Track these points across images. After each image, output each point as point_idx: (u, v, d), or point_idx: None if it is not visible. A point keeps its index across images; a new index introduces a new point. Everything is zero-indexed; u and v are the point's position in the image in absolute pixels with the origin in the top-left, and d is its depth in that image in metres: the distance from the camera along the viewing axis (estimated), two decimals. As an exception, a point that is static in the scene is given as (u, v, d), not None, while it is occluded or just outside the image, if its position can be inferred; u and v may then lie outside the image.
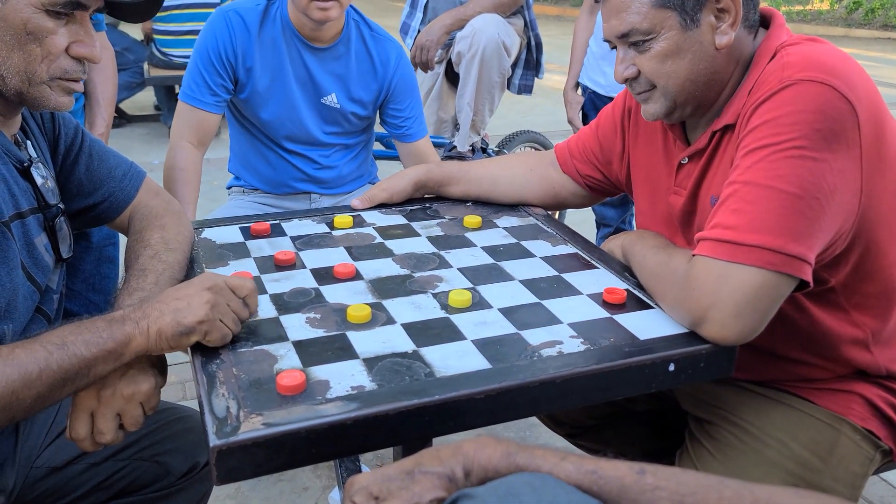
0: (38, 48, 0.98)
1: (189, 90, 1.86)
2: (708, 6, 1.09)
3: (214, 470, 0.82)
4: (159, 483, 1.25)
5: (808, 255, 1.00)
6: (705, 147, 1.18)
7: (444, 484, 0.65)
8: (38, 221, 1.08)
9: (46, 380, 0.86)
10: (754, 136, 1.05)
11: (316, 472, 1.97)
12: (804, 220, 1.00)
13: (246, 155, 2.05)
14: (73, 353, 0.88)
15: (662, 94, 1.16)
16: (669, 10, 1.09)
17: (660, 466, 0.65)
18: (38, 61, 0.99)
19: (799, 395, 1.20)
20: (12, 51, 0.97)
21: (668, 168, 1.27)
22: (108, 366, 0.92)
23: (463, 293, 1.13)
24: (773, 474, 1.13)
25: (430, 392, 0.90)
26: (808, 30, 12.15)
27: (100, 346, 0.90)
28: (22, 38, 0.97)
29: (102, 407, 0.95)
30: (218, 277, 1.00)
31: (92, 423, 0.96)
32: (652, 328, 1.07)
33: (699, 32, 1.11)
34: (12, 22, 0.96)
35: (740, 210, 1.02)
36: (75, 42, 1.01)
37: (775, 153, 1.01)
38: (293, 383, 0.90)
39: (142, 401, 0.97)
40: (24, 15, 0.96)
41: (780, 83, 1.04)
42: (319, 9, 1.73)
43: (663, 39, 1.11)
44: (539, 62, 3.02)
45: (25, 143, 1.10)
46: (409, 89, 1.99)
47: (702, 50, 1.11)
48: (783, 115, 1.02)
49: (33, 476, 1.14)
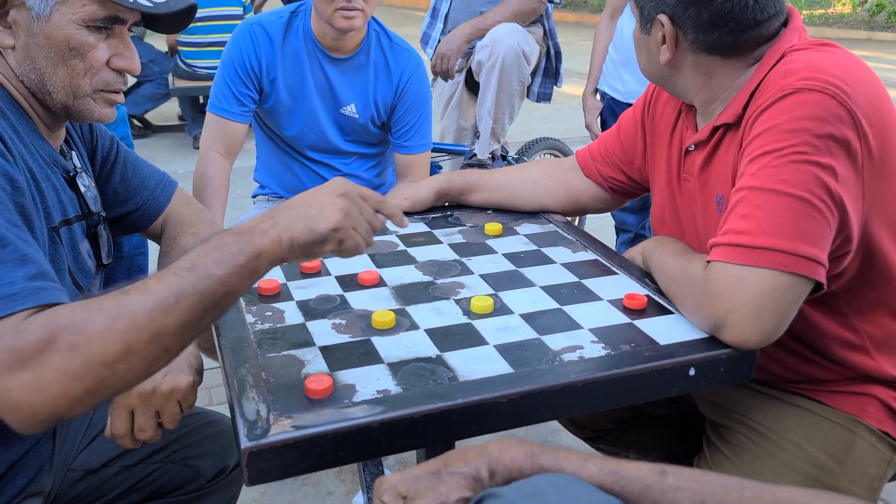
0: (81, 63, 1.02)
1: (216, 101, 1.90)
2: (656, 24, 1.17)
3: (246, 471, 0.84)
4: (190, 486, 1.28)
5: (820, 256, 1.01)
6: (707, 140, 1.20)
7: (470, 484, 0.67)
8: (81, 228, 1.13)
9: (184, 304, 0.82)
10: (758, 143, 1.06)
11: (340, 477, 1.99)
12: (812, 221, 1.01)
13: (271, 164, 2.09)
14: (204, 274, 0.83)
15: None
16: (636, 8, 1.20)
17: (681, 467, 0.66)
18: (81, 75, 1.03)
19: (814, 399, 1.21)
20: (57, 66, 1.01)
21: (678, 155, 1.30)
22: (245, 282, 0.86)
23: (485, 299, 1.15)
24: (789, 477, 1.14)
25: (454, 396, 0.92)
26: (830, 33, 12.03)
27: (230, 262, 0.84)
28: (65, 53, 1.01)
29: (142, 405, 0.99)
30: (349, 184, 0.94)
31: (132, 421, 0.99)
32: (672, 333, 1.08)
33: (648, 40, 1.20)
34: (56, 39, 1.00)
35: (749, 215, 1.03)
36: (115, 55, 1.05)
37: (778, 158, 1.03)
38: (321, 387, 0.92)
39: (180, 399, 1.00)
40: (66, 31, 1.00)
41: (780, 91, 1.06)
42: (344, 17, 1.76)
43: (636, 27, 1.23)
44: (558, 71, 3.04)
45: (70, 153, 1.14)
46: (418, 103, 2.00)
47: (649, 55, 1.22)
48: (783, 122, 1.04)
49: (70, 478, 1.17)
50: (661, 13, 1.14)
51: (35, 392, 0.76)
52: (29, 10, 0.98)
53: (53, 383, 0.76)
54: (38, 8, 0.98)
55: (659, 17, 1.14)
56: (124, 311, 0.79)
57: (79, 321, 0.78)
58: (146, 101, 5.31)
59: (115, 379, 0.80)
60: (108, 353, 0.78)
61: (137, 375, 0.82)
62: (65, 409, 0.78)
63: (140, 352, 0.80)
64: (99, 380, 0.78)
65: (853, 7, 13.77)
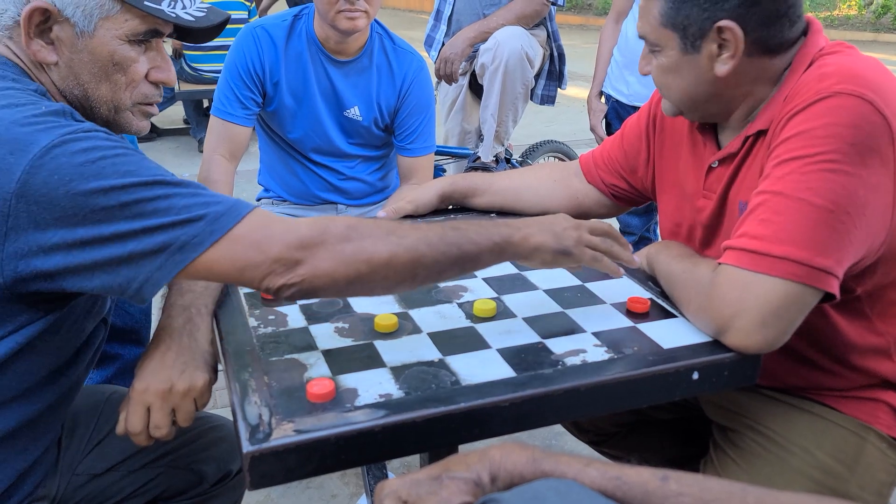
0: (123, 77, 1.04)
1: (220, 105, 1.91)
2: (710, 36, 1.10)
3: (248, 475, 0.84)
4: (193, 490, 1.28)
5: (835, 268, 1.00)
6: (737, 151, 1.18)
7: (472, 489, 0.66)
8: None
9: (443, 249, 0.97)
10: (787, 147, 1.04)
11: (343, 480, 1.99)
12: (833, 233, 0.99)
13: (274, 167, 2.09)
14: (466, 236, 1.00)
15: (666, 98, 1.22)
16: (672, 32, 1.12)
17: (683, 473, 0.66)
18: (122, 89, 1.05)
19: (823, 403, 1.20)
20: (101, 81, 1.03)
21: (698, 172, 1.28)
22: (490, 258, 1.03)
23: (487, 303, 1.14)
24: (797, 483, 1.13)
25: (457, 400, 0.92)
26: (836, 35, 12.01)
27: (488, 237, 1.01)
28: (109, 68, 1.02)
29: (159, 401, 1.00)
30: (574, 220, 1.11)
31: (147, 418, 1.00)
32: (676, 337, 1.08)
33: (698, 58, 1.13)
34: (100, 54, 1.01)
35: (768, 220, 1.02)
36: (154, 68, 1.07)
37: (807, 165, 1.01)
38: (323, 391, 0.92)
39: (196, 396, 1.02)
40: (110, 47, 1.01)
41: (816, 94, 1.04)
42: (347, 18, 1.77)
43: (665, 56, 1.15)
44: (562, 73, 3.04)
45: None
46: (422, 106, 2.00)
47: (699, 74, 1.14)
48: (817, 127, 1.02)
49: (74, 483, 1.18)
50: (722, 20, 1.09)
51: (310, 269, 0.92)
52: (72, 27, 0.99)
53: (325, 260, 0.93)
54: (81, 24, 0.99)
55: (720, 24, 1.08)
56: (397, 231, 0.97)
57: (353, 224, 0.96)
58: (152, 105, 5.33)
59: (370, 279, 0.94)
60: (374, 254, 0.94)
61: (384, 286, 0.97)
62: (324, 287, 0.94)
63: (397, 266, 0.95)
64: (359, 273, 0.93)
65: (859, 9, 13.74)
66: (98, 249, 0.87)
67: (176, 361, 1.02)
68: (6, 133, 0.86)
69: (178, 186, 0.91)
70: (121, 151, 0.90)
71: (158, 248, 0.88)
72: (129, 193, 0.87)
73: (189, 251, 0.89)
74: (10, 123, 0.87)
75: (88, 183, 0.86)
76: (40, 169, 0.85)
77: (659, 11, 1.13)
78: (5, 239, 0.86)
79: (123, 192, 0.87)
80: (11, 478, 1.00)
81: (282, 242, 0.91)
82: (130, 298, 0.91)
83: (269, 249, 0.91)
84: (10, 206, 0.85)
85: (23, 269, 0.88)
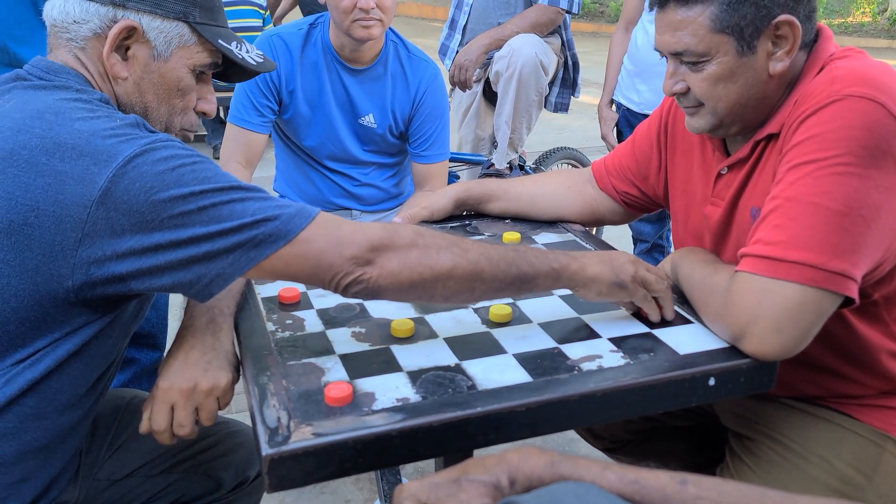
0: (180, 102, 1.09)
1: (237, 112, 1.93)
2: (766, 33, 1.08)
3: (266, 478, 0.85)
4: (211, 496, 1.29)
5: (852, 271, 1.00)
6: (747, 157, 1.18)
7: (490, 492, 0.67)
8: None
9: (503, 266, 1.01)
10: (799, 151, 1.04)
11: (358, 485, 2.00)
12: (848, 236, 0.99)
13: (290, 173, 2.11)
14: (525, 259, 1.04)
15: (711, 112, 1.16)
16: (727, 36, 1.08)
17: (702, 477, 0.66)
18: (177, 113, 1.10)
19: (841, 412, 1.20)
20: (161, 103, 1.08)
21: (706, 179, 1.27)
22: (545, 282, 1.06)
23: (503, 308, 1.15)
24: (815, 491, 1.13)
25: (473, 404, 0.93)
26: (850, 42, 11.94)
27: (545, 262, 1.05)
28: (173, 93, 1.08)
29: (183, 400, 1.01)
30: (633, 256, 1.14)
31: (171, 417, 1.02)
32: (692, 343, 1.08)
33: (754, 59, 1.10)
34: (169, 78, 1.06)
35: (782, 226, 1.02)
36: (201, 99, 1.13)
37: (820, 169, 1.01)
38: (341, 395, 0.93)
39: (219, 395, 1.03)
40: (179, 73, 1.07)
41: (828, 97, 1.04)
42: (362, 27, 1.78)
43: (717, 63, 1.11)
44: (576, 81, 3.04)
45: None
46: (436, 113, 2.01)
47: (755, 76, 1.11)
48: (829, 130, 1.02)
49: (95, 488, 1.19)
50: (782, 14, 1.07)
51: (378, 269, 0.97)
52: (151, 49, 1.04)
53: (392, 262, 0.97)
54: (160, 48, 1.04)
55: (779, 19, 1.07)
56: (461, 244, 1.01)
57: (421, 231, 1.01)
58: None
59: (431, 286, 0.99)
60: (437, 262, 0.98)
61: (444, 295, 1.00)
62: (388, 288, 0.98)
63: (458, 277, 0.99)
64: (422, 278, 0.98)
65: (873, 16, 13.67)
66: (173, 252, 0.91)
67: (200, 360, 1.04)
68: (87, 145, 0.90)
69: (251, 191, 0.95)
70: (197, 159, 0.94)
71: (233, 247, 0.92)
72: (207, 198, 0.91)
73: (265, 248, 0.93)
74: (90, 136, 0.91)
75: (169, 190, 0.90)
76: (123, 177, 0.89)
77: (710, 18, 1.08)
78: (79, 245, 0.89)
79: (202, 196, 0.91)
80: (44, 483, 1.02)
81: (355, 243, 0.96)
82: (195, 295, 0.94)
83: (344, 249, 0.95)
84: (88, 213, 0.88)
85: (94, 273, 0.91)
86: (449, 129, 2.09)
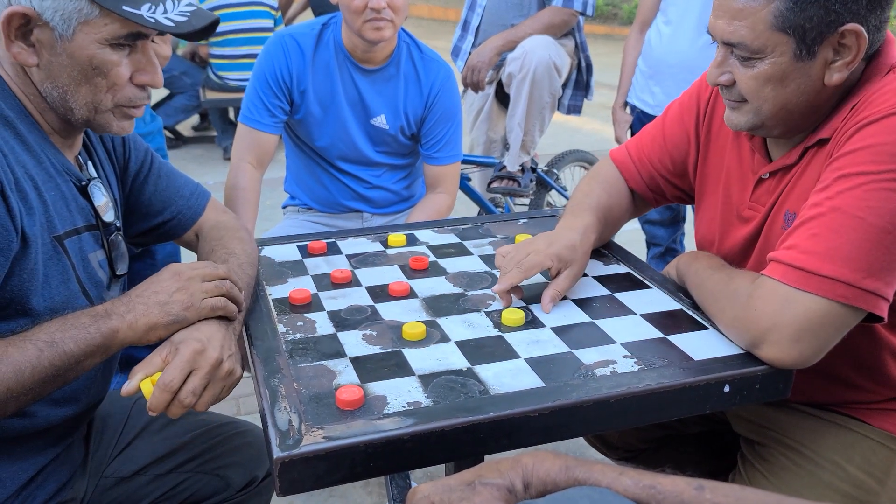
0: (104, 80, 1.03)
1: (248, 112, 1.93)
2: (830, 40, 1.01)
3: (277, 481, 0.84)
4: (219, 496, 1.28)
5: (884, 290, 0.97)
6: (794, 163, 1.12)
7: (504, 495, 0.66)
8: (94, 238, 1.13)
9: (38, 376, 0.92)
10: (851, 160, 1.00)
11: (367, 489, 1.99)
12: (887, 254, 0.96)
13: (301, 175, 2.11)
14: (62, 351, 0.93)
15: (754, 111, 1.09)
16: (787, 36, 1.01)
17: (718, 482, 0.65)
18: (103, 91, 1.04)
19: (852, 416, 1.18)
20: (80, 85, 1.03)
21: (743, 181, 1.22)
22: (96, 359, 0.97)
23: (515, 312, 1.14)
24: (828, 497, 1.11)
25: (485, 409, 0.92)
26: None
27: (87, 341, 0.95)
28: (88, 72, 1.02)
29: (205, 368, 0.98)
30: (178, 265, 1.06)
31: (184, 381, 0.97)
32: (707, 349, 1.07)
33: (811, 65, 1.03)
34: (79, 58, 1.01)
35: (821, 235, 0.98)
36: (138, 71, 1.06)
37: (871, 182, 0.97)
38: (352, 398, 0.92)
39: (229, 384, 1.01)
40: (89, 51, 1.01)
41: (890, 108, 1.00)
42: (374, 28, 1.78)
43: (770, 63, 1.04)
44: (589, 83, 3.03)
45: (87, 163, 1.15)
46: (448, 114, 2.00)
47: (808, 83, 1.04)
48: (887, 143, 0.98)
49: (102, 485, 1.18)
50: (851, 23, 1.00)
51: None
52: (52, 30, 0.99)
53: None
54: (60, 28, 0.99)
55: (847, 27, 1.00)
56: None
57: None
58: (178, 113, 5.38)
59: None
60: None
61: None
62: None
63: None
64: None
65: None
66: None
67: (229, 342, 1.03)
68: None
69: None
70: None
71: None
72: None
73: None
74: None
75: None
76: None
77: (773, 13, 1.00)
78: None
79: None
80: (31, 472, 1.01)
81: None
82: None
83: None
84: None
85: None
86: (461, 131, 2.08)
